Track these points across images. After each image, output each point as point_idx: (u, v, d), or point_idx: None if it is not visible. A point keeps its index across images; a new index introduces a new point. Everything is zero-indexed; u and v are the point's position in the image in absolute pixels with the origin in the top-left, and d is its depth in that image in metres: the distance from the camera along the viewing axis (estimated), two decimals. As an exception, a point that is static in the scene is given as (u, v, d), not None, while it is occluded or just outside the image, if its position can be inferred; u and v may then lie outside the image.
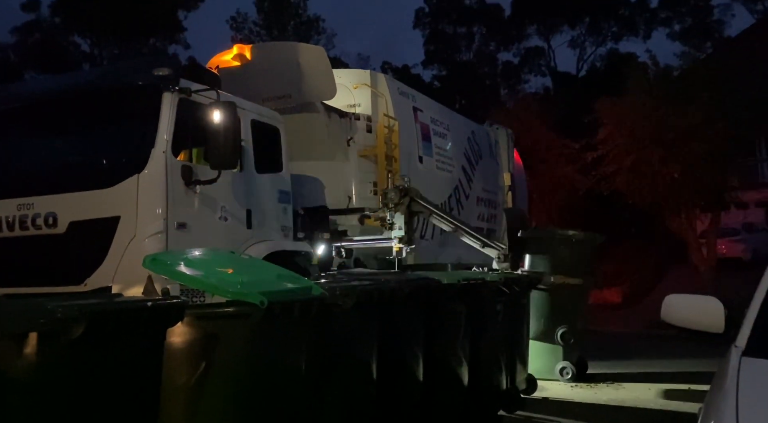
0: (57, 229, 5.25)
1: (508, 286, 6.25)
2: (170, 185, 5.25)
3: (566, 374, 8.07)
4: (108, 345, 2.65)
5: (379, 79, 8.73)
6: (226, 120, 5.36)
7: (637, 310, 16.68)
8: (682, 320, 2.97)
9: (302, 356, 3.64)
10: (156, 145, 5.27)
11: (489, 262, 8.08)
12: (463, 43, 38.18)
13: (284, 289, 3.67)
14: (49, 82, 8.30)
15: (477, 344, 5.65)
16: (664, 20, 35.41)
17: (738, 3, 33.32)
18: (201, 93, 5.59)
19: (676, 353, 9.33)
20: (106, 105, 5.73)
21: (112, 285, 4.95)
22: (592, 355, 8.81)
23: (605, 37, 36.61)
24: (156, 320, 2.93)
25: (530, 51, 37.32)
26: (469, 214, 10.51)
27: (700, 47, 31.54)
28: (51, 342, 2.45)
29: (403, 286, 4.59)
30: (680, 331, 3.01)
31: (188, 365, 3.21)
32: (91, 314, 2.53)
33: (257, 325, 3.24)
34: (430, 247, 9.11)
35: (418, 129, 9.11)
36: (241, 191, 5.97)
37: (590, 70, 35.61)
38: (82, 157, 5.85)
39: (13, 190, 5.49)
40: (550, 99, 27.23)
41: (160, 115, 5.35)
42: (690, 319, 2.96)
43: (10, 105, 6.13)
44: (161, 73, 5.37)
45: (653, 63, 17.44)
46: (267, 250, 5.99)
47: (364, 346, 4.23)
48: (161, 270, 3.61)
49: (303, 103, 7.51)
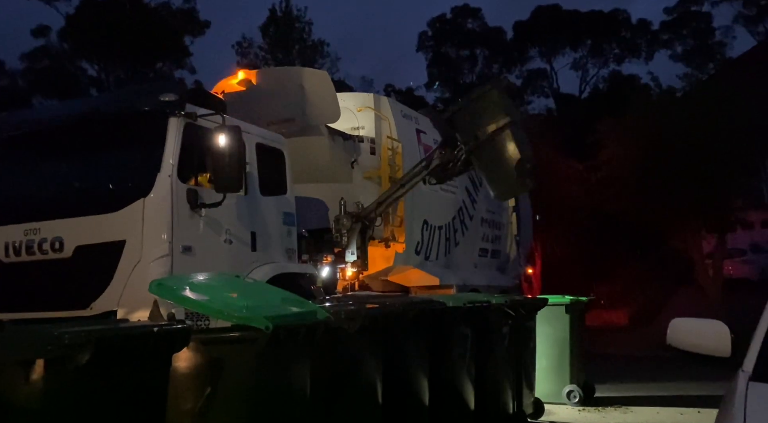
0: (63, 253, 5.27)
1: (514, 308, 6.22)
2: (176, 209, 5.28)
3: (573, 398, 7.98)
4: (114, 370, 2.65)
5: (382, 101, 8.80)
6: (231, 144, 5.40)
7: (644, 332, 16.53)
8: (688, 344, 2.95)
9: (307, 381, 3.63)
10: (162, 169, 5.31)
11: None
12: (466, 65, 38.50)
13: (289, 314, 3.66)
14: (56, 108, 8.41)
15: (483, 367, 5.61)
16: (665, 42, 35.66)
17: (739, 25, 33.62)
18: (206, 117, 5.64)
19: (685, 376, 9.22)
20: (113, 130, 5.78)
21: (117, 309, 4.96)
22: (600, 378, 8.73)
23: (607, 58, 36.87)
24: (162, 345, 2.93)
25: (533, 73, 37.58)
26: (474, 235, 10.51)
27: (702, 69, 31.73)
28: (58, 368, 2.45)
29: (408, 310, 4.58)
30: (686, 355, 2.98)
31: (194, 390, 3.20)
32: (98, 340, 2.53)
33: (262, 350, 3.24)
34: (436, 269, 9.09)
35: (422, 151, 9.14)
36: (245, 214, 5.99)
37: (593, 92, 35.78)
38: (89, 181, 5.89)
39: (20, 216, 5.53)
40: (553, 120, 27.36)
41: (166, 140, 5.40)
42: (696, 344, 2.93)
43: (18, 131, 6.20)
44: (167, 99, 5.43)
45: (656, 84, 17.56)
46: (272, 273, 6.00)
47: (369, 369, 4.21)
48: (167, 295, 3.61)
49: (307, 127, 7.57)
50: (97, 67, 29.57)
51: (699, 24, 34.48)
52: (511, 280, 11.83)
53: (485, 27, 37.59)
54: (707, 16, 34.26)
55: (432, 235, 9.14)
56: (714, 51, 34.09)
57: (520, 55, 37.11)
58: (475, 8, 37.81)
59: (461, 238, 10.00)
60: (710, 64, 33.10)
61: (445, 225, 9.55)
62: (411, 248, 8.59)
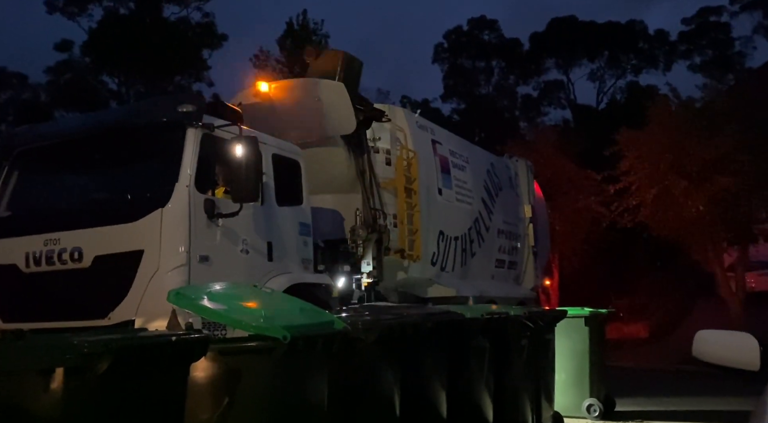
0: (82, 263, 5.31)
1: (532, 320, 6.15)
2: (193, 219, 5.30)
3: (593, 412, 7.85)
4: (132, 380, 2.64)
5: (397, 112, 8.81)
6: (248, 154, 5.43)
7: (665, 345, 16.30)
8: (714, 357, 2.87)
9: (325, 391, 3.60)
10: (180, 179, 5.35)
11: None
12: (482, 77, 38.52)
13: (307, 324, 3.65)
14: (77, 120, 8.52)
15: (501, 380, 5.54)
16: (684, 53, 35.42)
17: (759, 35, 33.31)
18: (224, 128, 5.69)
19: (707, 391, 9.05)
20: (132, 141, 5.85)
21: (135, 318, 4.98)
22: (620, 391, 8.58)
23: (625, 69, 36.69)
24: (180, 355, 2.93)
25: (549, 84, 37.49)
26: (490, 246, 10.44)
27: (721, 79, 31.43)
28: (77, 377, 2.45)
29: (426, 321, 4.54)
30: (712, 368, 2.91)
31: (211, 400, 3.19)
32: (117, 349, 2.53)
33: (280, 360, 3.22)
34: (452, 280, 9.04)
35: (437, 161, 9.13)
36: (262, 224, 6.01)
37: (610, 103, 35.59)
38: (108, 192, 5.96)
39: (40, 226, 5.59)
40: (570, 131, 27.22)
41: (184, 151, 5.44)
42: (723, 356, 2.86)
43: (38, 143, 6.29)
44: (185, 110, 5.48)
45: (674, 95, 17.38)
46: (288, 283, 6.00)
47: (387, 381, 4.17)
48: (185, 304, 3.62)
49: (324, 138, 7.60)
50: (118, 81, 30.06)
51: (718, 34, 34.22)
52: (528, 292, 11.73)
53: (502, 38, 37.63)
54: (726, 27, 34.04)
55: (448, 246, 9.09)
56: (734, 61, 33.77)
57: (536, 67, 37.06)
58: (491, 20, 37.99)
59: (478, 249, 9.93)
60: (730, 74, 32.79)
61: (462, 236, 9.50)
62: (427, 259, 8.55)
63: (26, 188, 6.25)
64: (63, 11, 29.76)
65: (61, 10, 29.71)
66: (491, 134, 27.59)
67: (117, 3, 30.04)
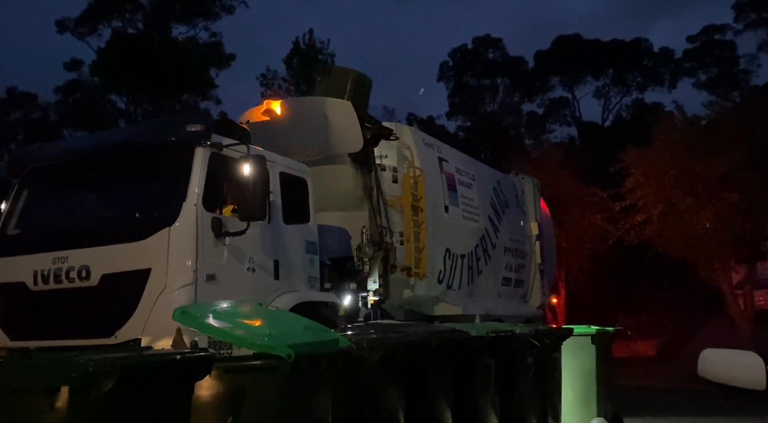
0: (90, 281, 5.34)
1: (538, 338, 6.12)
2: (200, 237, 5.33)
3: (601, 431, 7.76)
4: (137, 398, 2.66)
5: (404, 130, 8.85)
6: (255, 173, 5.47)
7: (673, 363, 16.13)
8: (720, 376, 2.86)
9: (329, 409, 3.59)
10: (187, 198, 5.39)
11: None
12: (487, 94, 38.66)
13: (311, 342, 3.65)
14: (86, 139, 8.61)
15: (508, 399, 5.51)
16: (689, 70, 35.48)
17: (764, 53, 33.35)
18: (232, 147, 5.73)
19: (715, 410, 8.94)
20: (141, 160, 5.91)
21: (141, 337, 4.98)
22: (628, 410, 8.49)
23: (630, 87, 36.77)
24: (184, 374, 2.94)
25: (554, 102, 37.59)
26: (497, 264, 10.41)
27: (727, 97, 31.45)
28: (82, 396, 2.47)
29: (432, 339, 4.54)
30: (718, 388, 2.89)
31: (216, 418, 3.20)
32: (122, 368, 2.55)
33: (284, 378, 3.23)
34: (458, 298, 9.01)
35: (444, 179, 9.15)
36: (268, 242, 6.03)
37: (616, 120, 35.62)
38: (116, 210, 6.00)
39: (48, 244, 5.63)
40: (575, 148, 27.23)
41: (192, 170, 5.49)
42: (729, 376, 2.84)
43: (47, 162, 6.36)
44: (193, 129, 5.54)
45: (680, 112, 17.38)
46: (294, 301, 6.00)
47: (391, 399, 4.16)
48: (190, 323, 3.63)
49: (330, 156, 7.64)
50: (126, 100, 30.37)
51: (722, 52, 34.30)
52: (535, 310, 11.66)
53: (506, 57, 37.82)
54: (731, 45, 34.12)
55: (454, 264, 9.08)
56: (738, 79, 33.79)
57: (541, 84, 37.21)
58: (496, 38, 38.19)
59: (484, 266, 9.91)
60: (735, 91, 32.80)
61: (468, 253, 9.49)
62: (433, 277, 8.54)
63: (35, 206, 6.30)
64: (73, 31, 30.19)
65: (72, 30, 30.15)
66: (497, 151, 27.65)
67: (126, 23, 30.48)
